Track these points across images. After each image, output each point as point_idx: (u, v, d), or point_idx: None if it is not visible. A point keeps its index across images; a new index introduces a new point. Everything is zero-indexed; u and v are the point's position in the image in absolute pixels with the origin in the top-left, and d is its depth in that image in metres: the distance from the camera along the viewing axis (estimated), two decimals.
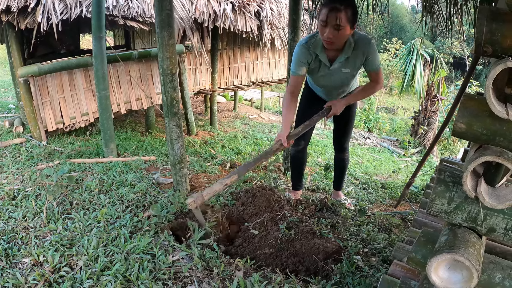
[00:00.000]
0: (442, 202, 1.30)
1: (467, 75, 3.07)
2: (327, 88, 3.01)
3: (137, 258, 2.24)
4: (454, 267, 1.19)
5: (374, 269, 2.36)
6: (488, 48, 1.10)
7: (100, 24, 4.21)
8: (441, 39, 25.50)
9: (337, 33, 2.39)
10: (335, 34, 2.40)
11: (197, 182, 3.88)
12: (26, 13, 4.63)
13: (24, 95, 4.95)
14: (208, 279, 2.11)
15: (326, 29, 2.40)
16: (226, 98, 13.07)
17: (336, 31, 2.38)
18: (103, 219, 2.72)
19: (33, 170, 3.77)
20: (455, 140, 12.52)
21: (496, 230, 1.25)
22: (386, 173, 6.55)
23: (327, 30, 2.39)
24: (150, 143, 5.74)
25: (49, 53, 7.02)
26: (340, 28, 2.36)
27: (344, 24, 2.36)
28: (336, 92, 3.03)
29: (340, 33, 2.39)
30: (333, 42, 2.47)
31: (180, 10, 6.16)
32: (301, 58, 2.70)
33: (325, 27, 2.40)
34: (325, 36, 2.42)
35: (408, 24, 34.63)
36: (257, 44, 8.31)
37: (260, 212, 2.94)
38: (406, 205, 4.08)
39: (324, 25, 2.39)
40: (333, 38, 2.42)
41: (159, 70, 3.12)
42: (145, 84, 6.24)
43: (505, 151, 1.17)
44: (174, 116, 3.21)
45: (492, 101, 1.07)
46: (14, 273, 2.12)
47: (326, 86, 2.98)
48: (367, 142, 11.59)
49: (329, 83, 2.91)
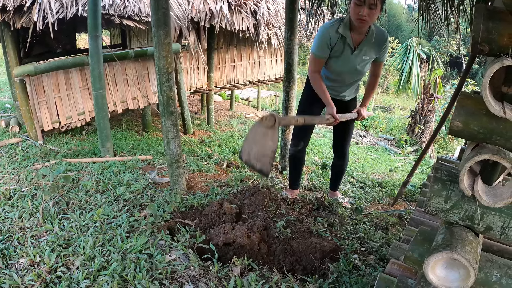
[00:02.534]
0: (439, 201, 1.30)
1: (464, 74, 3.08)
2: (343, 76, 3.00)
3: (134, 257, 2.23)
4: (451, 265, 1.19)
5: (371, 267, 2.36)
6: (485, 47, 1.10)
7: (96, 23, 4.19)
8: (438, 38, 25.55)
9: (371, 12, 2.52)
10: (369, 13, 2.52)
11: (193, 181, 3.87)
12: (22, 12, 4.60)
13: (20, 94, 4.93)
14: (205, 279, 2.11)
15: (361, 8, 2.51)
16: (222, 97, 13.05)
17: (371, 10, 2.51)
18: (99, 219, 2.71)
19: (29, 170, 3.75)
20: (452, 138, 12.56)
21: (493, 229, 1.25)
22: (383, 172, 6.56)
23: (363, 8, 2.51)
24: (147, 143, 5.73)
25: (45, 52, 6.98)
26: (375, 7, 2.51)
27: (378, 3, 2.51)
28: (349, 82, 3.05)
29: (373, 11, 2.53)
30: (367, 21, 2.58)
31: (176, 9, 6.15)
32: (326, 40, 2.77)
33: (360, 6, 2.51)
34: (360, 14, 2.53)
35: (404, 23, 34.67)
36: (253, 43, 8.31)
37: (257, 211, 2.94)
38: (403, 204, 4.09)
39: (360, 3, 2.51)
40: (367, 16, 2.54)
41: (156, 69, 3.11)
42: (141, 83, 6.22)
43: (501, 149, 1.17)
44: (171, 115, 3.20)
45: (489, 99, 1.08)
46: (10, 273, 2.11)
47: (343, 73, 2.98)
48: (363, 141, 11.61)
49: (348, 69, 2.94)
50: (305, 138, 3.36)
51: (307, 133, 3.36)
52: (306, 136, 3.36)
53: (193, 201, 3.14)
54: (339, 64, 2.90)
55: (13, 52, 5.13)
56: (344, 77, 3.00)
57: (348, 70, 2.94)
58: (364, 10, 2.51)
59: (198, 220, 2.78)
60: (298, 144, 3.33)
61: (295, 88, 4.28)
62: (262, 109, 12.86)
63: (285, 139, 4.41)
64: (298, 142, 3.33)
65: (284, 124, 2.50)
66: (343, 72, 2.96)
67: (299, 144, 3.33)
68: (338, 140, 3.43)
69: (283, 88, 4.33)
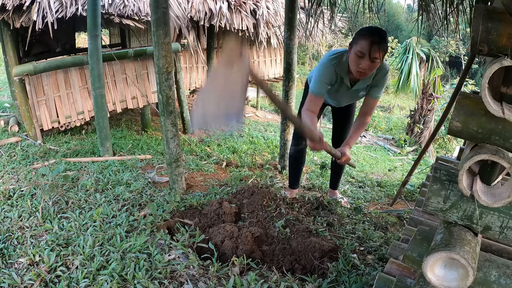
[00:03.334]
0: (438, 200, 1.30)
1: (463, 74, 3.08)
2: (338, 101, 3.04)
3: (133, 257, 2.23)
4: (450, 265, 1.19)
5: (370, 267, 2.36)
6: (484, 47, 1.10)
7: (96, 22, 4.19)
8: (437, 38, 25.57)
9: (372, 65, 2.41)
10: (370, 66, 2.41)
11: (193, 180, 3.88)
12: (21, 11, 4.60)
13: (19, 94, 4.93)
14: (204, 278, 2.11)
15: (362, 60, 2.38)
16: None
17: (372, 63, 2.40)
18: (99, 218, 2.71)
19: (29, 169, 3.75)
20: (451, 138, 12.57)
21: (491, 228, 1.25)
22: (382, 172, 6.57)
23: (364, 61, 2.38)
24: (146, 142, 5.73)
25: (44, 51, 6.97)
26: (376, 61, 2.39)
27: (380, 58, 2.39)
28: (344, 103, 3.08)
29: (374, 65, 2.42)
30: (365, 73, 2.48)
31: (176, 9, 6.15)
32: (326, 79, 2.67)
33: (362, 58, 2.38)
34: (360, 67, 2.41)
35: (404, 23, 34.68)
36: (253, 42, 8.32)
37: (256, 210, 2.95)
38: (402, 204, 4.09)
39: (361, 56, 2.38)
40: (367, 69, 2.43)
41: (155, 68, 3.11)
42: (140, 83, 6.22)
43: (500, 149, 1.17)
44: (170, 114, 3.20)
45: (488, 100, 1.08)
46: (10, 273, 2.11)
47: (339, 100, 3.01)
48: (363, 141, 11.62)
49: (343, 100, 2.97)
50: None
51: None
52: None
53: (193, 201, 3.14)
54: (336, 95, 2.90)
55: (12, 51, 5.13)
56: (341, 100, 3.02)
57: (344, 100, 2.99)
58: (366, 63, 2.38)
59: (197, 220, 2.78)
60: (299, 144, 3.33)
61: (294, 87, 4.28)
62: (262, 109, 12.86)
63: (285, 139, 4.41)
64: (299, 142, 3.32)
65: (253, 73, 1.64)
66: (339, 100, 3.00)
67: (300, 144, 3.33)
68: (338, 137, 3.41)
69: (283, 88, 4.33)
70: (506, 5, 1.05)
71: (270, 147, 6.67)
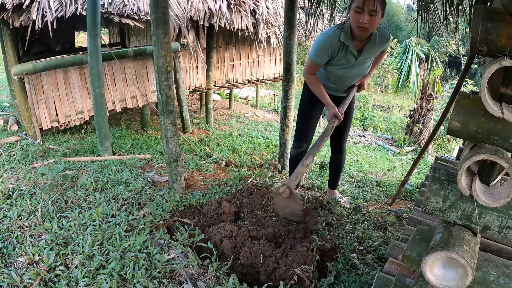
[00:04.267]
0: (437, 200, 1.31)
1: (462, 74, 3.08)
2: (345, 79, 3.00)
3: (133, 256, 2.24)
4: (449, 264, 1.19)
5: (370, 267, 2.37)
6: (483, 47, 1.10)
7: (95, 21, 4.19)
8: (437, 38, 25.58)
9: (372, 19, 2.44)
10: (369, 20, 2.44)
11: (192, 180, 3.88)
12: (21, 11, 4.60)
13: (19, 93, 4.92)
14: (203, 277, 2.11)
15: (361, 15, 2.43)
16: (221, 96, 13.06)
17: (371, 17, 2.43)
18: (98, 217, 2.71)
19: (28, 168, 3.75)
20: (450, 138, 12.59)
21: (490, 228, 1.25)
22: (381, 171, 6.58)
23: (363, 16, 2.43)
24: (145, 141, 5.73)
25: (43, 51, 6.97)
26: (376, 13, 2.42)
27: (379, 10, 2.42)
28: (349, 83, 3.06)
29: (374, 19, 2.45)
30: (367, 28, 2.50)
31: (175, 8, 6.15)
32: (326, 49, 2.70)
33: (360, 13, 2.43)
34: (360, 22, 2.45)
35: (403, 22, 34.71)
36: (252, 42, 8.31)
37: (255, 210, 2.95)
38: (401, 203, 4.09)
39: (359, 11, 2.43)
40: (368, 24, 2.46)
41: (155, 68, 3.11)
42: (140, 82, 6.22)
43: (499, 149, 1.17)
44: (170, 114, 3.20)
45: (487, 100, 1.08)
46: (9, 272, 2.11)
47: (346, 77, 2.98)
48: (362, 140, 11.63)
49: (351, 74, 2.94)
50: (307, 140, 3.29)
51: (310, 134, 3.28)
52: (308, 137, 3.28)
53: (192, 200, 3.14)
54: (342, 71, 2.89)
55: (12, 50, 5.13)
56: (346, 79, 3.00)
57: (351, 74, 2.95)
58: (364, 18, 2.42)
59: (197, 219, 2.78)
60: (300, 146, 3.27)
61: (294, 87, 4.28)
62: (261, 108, 12.87)
63: (284, 138, 4.41)
64: (301, 144, 3.27)
65: (297, 183, 2.67)
66: (346, 76, 2.96)
67: (301, 146, 3.27)
68: (336, 135, 3.37)
69: (282, 88, 4.33)
70: (505, 6, 1.05)
71: (269, 147, 6.67)
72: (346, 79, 3.00)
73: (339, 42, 2.67)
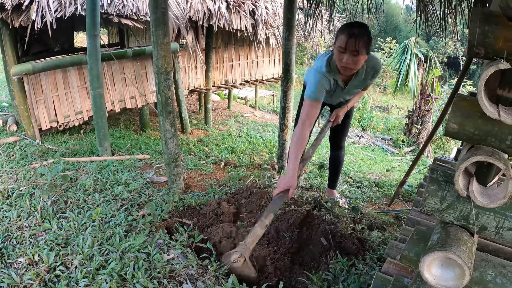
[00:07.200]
0: (435, 201, 1.32)
1: (461, 75, 3.09)
2: (334, 101, 3.13)
3: (132, 256, 2.24)
4: (446, 264, 1.21)
5: (368, 267, 2.38)
6: (481, 50, 1.12)
7: (95, 22, 4.19)
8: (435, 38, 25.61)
9: (355, 59, 2.44)
10: (352, 60, 2.44)
11: (191, 180, 3.88)
12: (20, 11, 4.60)
13: (18, 93, 4.93)
14: (203, 278, 2.12)
15: (344, 55, 2.43)
16: (220, 96, 13.07)
17: (354, 57, 2.43)
18: (97, 218, 2.71)
19: (27, 169, 3.75)
20: (449, 139, 12.60)
21: (487, 229, 1.27)
22: (380, 172, 6.59)
23: (345, 56, 2.43)
24: (144, 142, 5.74)
25: (43, 51, 6.97)
26: (358, 54, 2.42)
27: (361, 50, 2.41)
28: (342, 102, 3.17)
29: (357, 58, 2.44)
30: (351, 68, 2.51)
31: (175, 8, 6.15)
32: (323, 85, 2.69)
33: (343, 53, 2.43)
34: (343, 62, 2.46)
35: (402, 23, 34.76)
36: (251, 42, 8.32)
37: (254, 210, 2.96)
38: (400, 204, 4.11)
39: (342, 51, 2.43)
40: (351, 64, 2.46)
41: (154, 68, 3.12)
42: (139, 83, 6.22)
43: (496, 151, 1.19)
44: (169, 114, 3.21)
45: (484, 102, 1.09)
46: (9, 272, 2.11)
47: (335, 101, 3.11)
48: (361, 141, 11.64)
49: (339, 99, 3.06)
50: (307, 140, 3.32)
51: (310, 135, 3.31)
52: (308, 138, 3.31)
53: (191, 201, 3.15)
54: (333, 97, 3.00)
55: (11, 50, 5.13)
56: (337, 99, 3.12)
57: (340, 99, 3.08)
58: (347, 58, 2.43)
59: (196, 220, 2.79)
60: None
61: (292, 88, 4.29)
62: (260, 109, 12.88)
63: (283, 139, 4.42)
64: None
65: (253, 246, 2.23)
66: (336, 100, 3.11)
67: None
68: (336, 135, 3.49)
69: (281, 88, 4.34)
70: (503, 8, 1.06)
71: (268, 147, 6.68)
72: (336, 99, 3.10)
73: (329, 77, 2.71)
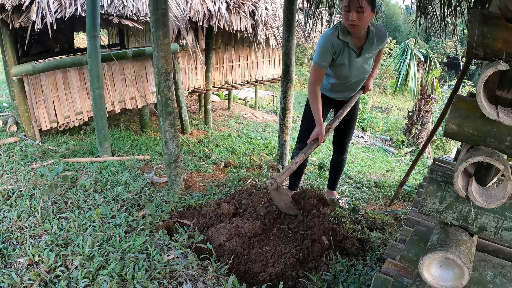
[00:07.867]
0: (434, 201, 1.32)
1: (460, 76, 3.10)
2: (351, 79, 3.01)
3: (133, 257, 2.25)
4: (446, 265, 1.21)
5: (368, 267, 2.38)
6: (480, 51, 1.12)
7: (95, 22, 4.20)
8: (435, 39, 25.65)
9: (360, 16, 2.50)
10: (358, 17, 2.50)
11: (191, 181, 3.89)
12: (21, 11, 4.60)
13: (18, 93, 4.93)
14: (203, 278, 2.13)
15: (350, 14, 2.50)
16: (220, 97, 13.07)
17: (359, 14, 2.49)
18: (98, 218, 2.72)
19: (28, 169, 3.76)
20: (449, 139, 12.60)
21: (487, 229, 1.27)
22: (380, 172, 6.59)
23: (351, 14, 2.50)
24: (145, 142, 5.74)
25: (43, 51, 6.97)
26: (363, 10, 2.48)
27: (365, 6, 2.47)
28: (357, 83, 3.08)
29: (363, 15, 2.50)
30: (357, 25, 2.56)
31: (175, 9, 6.16)
32: (328, 48, 2.74)
33: (348, 11, 2.51)
34: (349, 20, 2.52)
35: (402, 24, 34.78)
36: (251, 43, 8.33)
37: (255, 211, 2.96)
38: (400, 204, 4.11)
39: (347, 10, 2.51)
40: (357, 21, 2.52)
41: (154, 69, 3.13)
42: (139, 83, 6.23)
43: (495, 151, 1.19)
44: (169, 115, 3.21)
45: (483, 103, 1.09)
46: (9, 273, 2.12)
47: (351, 77, 2.99)
48: (361, 141, 11.64)
49: (355, 72, 2.96)
50: None
51: None
52: None
53: (191, 201, 3.15)
54: (347, 69, 2.92)
55: (11, 51, 5.13)
56: (352, 80, 3.01)
57: (355, 73, 2.96)
58: (353, 15, 2.49)
59: (196, 220, 2.79)
60: (303, 147, 3.28)
61: (292, 88, 4.30)
62: (260, 109, 12.88)
63: (283, 139, 4.43)
64: (304, 146, 3.28)
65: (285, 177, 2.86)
66: (351, 76, 2.98)
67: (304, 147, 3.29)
68: (340, 137, 3.42)
69: (281, 89, 4.34)
70: (501, 10, 1.06)
71: (268, 148, 6.68)
72: (353, 79, 3.00)
73: (339, 40, 2.72)
